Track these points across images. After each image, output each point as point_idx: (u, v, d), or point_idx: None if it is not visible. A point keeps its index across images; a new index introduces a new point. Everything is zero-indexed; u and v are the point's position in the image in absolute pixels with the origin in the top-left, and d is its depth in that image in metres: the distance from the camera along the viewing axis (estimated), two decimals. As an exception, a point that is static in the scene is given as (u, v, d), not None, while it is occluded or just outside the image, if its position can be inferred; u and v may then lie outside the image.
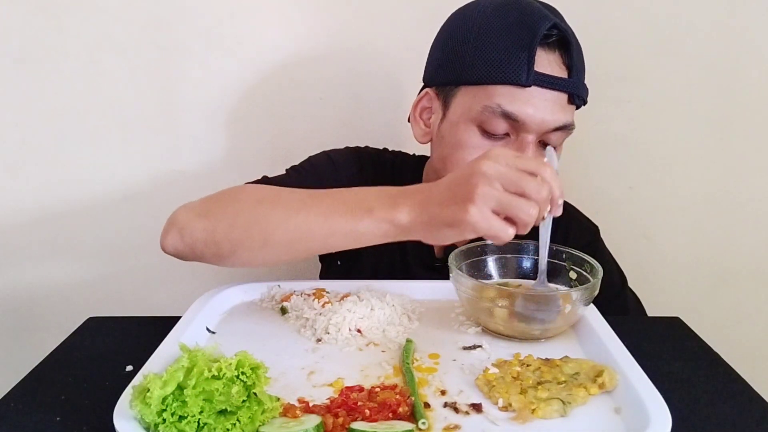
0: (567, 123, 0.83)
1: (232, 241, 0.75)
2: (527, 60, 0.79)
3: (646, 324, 0.87)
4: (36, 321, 1.33)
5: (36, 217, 1.28)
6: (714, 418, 0.62)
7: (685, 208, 1.26)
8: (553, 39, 0.81)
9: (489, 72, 0.81)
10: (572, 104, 0.83)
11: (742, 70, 1.18)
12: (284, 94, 1.23)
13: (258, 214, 0.75)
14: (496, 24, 0.82)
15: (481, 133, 0.84)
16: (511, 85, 0.80)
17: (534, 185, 0.63)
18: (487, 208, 0.62)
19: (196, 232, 0.77)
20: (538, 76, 0.80)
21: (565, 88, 0.81)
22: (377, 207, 0.68)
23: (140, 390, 0.54)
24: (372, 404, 0.59)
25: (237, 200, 0.78)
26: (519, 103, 0.80)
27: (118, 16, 1.17)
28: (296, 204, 0.74)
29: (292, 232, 0.73)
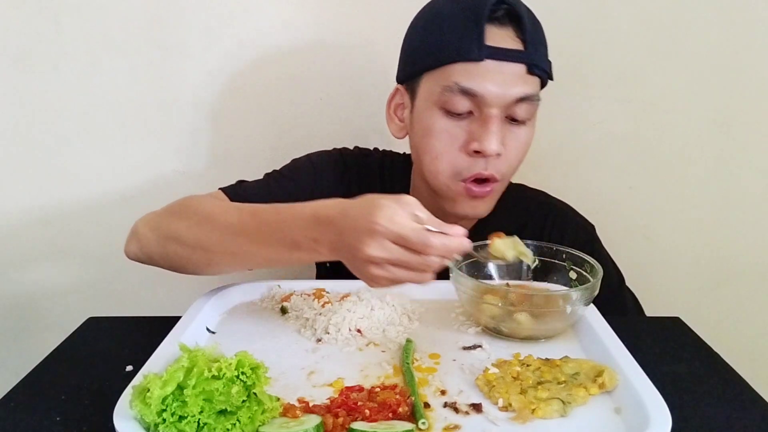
0: (528, 94, 0.83)
1: (180, 257, 0.80)
2: (477, 35, 0.80)
3: (646, 324, 0.88)
4: (36, 321, 1.33)
5: (36, 217, 1.27)
6: (714, 418, 0.62)
7: (685, 208, 1.26)
8: (501, 13, 0.82)
9: (443, 53, 0.83)
10: (532, 75, 0.83)
11: (743, 70, 1.18)
12: (284, 94, 1.23)
13: (202, 234, 0.78)
14: (446, 8, 0.85)
15: (445, 115, 0.85)
16: (465, 62, 0.82)
17: (419, 263, 0.63)
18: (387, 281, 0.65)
19: (151, 246, 0.83)
20: (490, 50, 0.81)
21: (521, 59, 0.82)
22: (302, 240, 0.69)
23: (140, 390, 0.54)
24: (372, 404, 0.59)
25: (185, 217, 0.81)
26: (475, 78, 0.81)
27: (118, 16, 1.17)
28: (233, 230, 0.76)
29: (231, 256, 0.77)
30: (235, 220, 0.77)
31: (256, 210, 0.77)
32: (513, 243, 0.77)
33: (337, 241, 0.67)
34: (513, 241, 0.77)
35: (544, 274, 0.82)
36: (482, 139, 0.83)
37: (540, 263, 0.83)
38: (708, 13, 1.16)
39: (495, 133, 0.82)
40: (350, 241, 0.64)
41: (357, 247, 0.63)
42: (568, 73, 1.20)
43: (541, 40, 0.86)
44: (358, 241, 0.63)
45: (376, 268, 0.64)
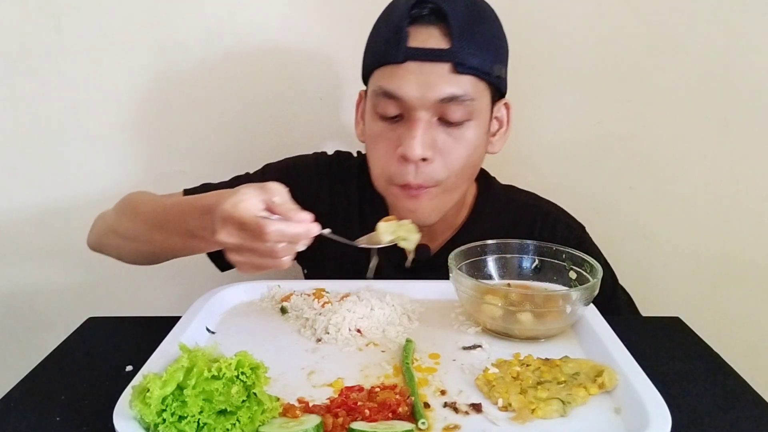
0: (455, 94, 0.80)
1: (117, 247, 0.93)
2: (396, 37, 0.79)
3: (646, 324, 0.87)
4: (36, 321, 1.33)
5: (36, 217, 1.28)
6: (714, 418, 0.62)
7: (685, 208, 1.26)
8: (426, 12, 0.80)
9: (372, 58, 0.84)
10: (459, 74, 0.79)
11: (743, 70, 1.18)
12: (284, 94, 1.23)
13: (130, 226, 0.89)
14: (383, 13, 0.85)
15: (380, 119, 0.85)
16: (387, 65, 0.81)
17: (264, 249, 0.64)
18: (249, 267, 0.67)
19: (100, 236, 0.95)
20: (410, 51, 0.79)
21: (444, 58, 0.79)
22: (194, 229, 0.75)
23: (140, 390, 0.54)
24: (372, 404, 0.59)
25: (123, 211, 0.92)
26: (396, 80, 0.80)
27: (118, 16, 1.17)
28: (152, 220, 0.85)
29: (151, 244, 0.87)
30: (153, 213, 0.86)
31: (170, 204, 0.83)
32: (396, 227, 0.76)
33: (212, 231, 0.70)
34: (397, 225, 0.76)
35: (544, 274, 0.82)
36: (405, 143, 0.81)
37: (540, 263, 0.83)
38: (708, 13, 1.15)
39: (418, 137, 0.80)
40: (214, 228, 0.66)
41: (214, 234, 0.66)
42: (568, 73, 1.20)
43: (479, 38, 0.81)
44: (214, 228, 0.66)
45: (233, 253, 0.66)
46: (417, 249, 0.94)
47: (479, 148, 0.86)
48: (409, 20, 0.80)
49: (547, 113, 1.22)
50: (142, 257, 0.92)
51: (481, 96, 0.83)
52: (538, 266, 0.83)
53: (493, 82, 0.84)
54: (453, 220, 0.96)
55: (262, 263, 0.66)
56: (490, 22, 0.84)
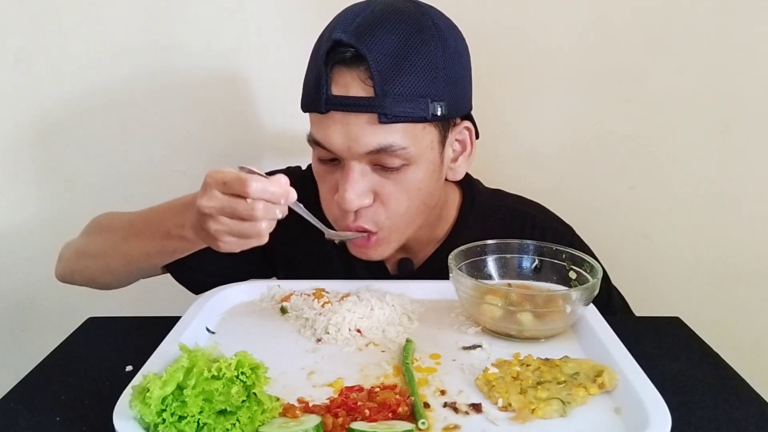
0: (383, 145, 0.74)
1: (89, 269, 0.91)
2: (317, 84, 0.74)
3: (646, 324, 0.87)
4: (36, 321, 1.33)
5: (36, 218, 1.28)
6: (714, 418, 0.62)
7: (685, 208, 1.26)
8: (348, 55, 0.72)
9: (303, 100, 0.79)
10: (385, 123, 0.73)
11: (743, 70, 1.18)
12: (284, 94, 1.23)
13: (101, 242, 0.89)
14: (313, 50, 0.79)
15: (319, 162, 0.81)
16: (314, 113, 0.77)
17: (244, 208, 0.63)
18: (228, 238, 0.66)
19: (70, 264, 0.93)
20: (333, 100, 0.73)
21: (367, 108, 0.72)
22: (170, 227, 0.77)
23: (140, 390, 0.54)
24: (372, 404, 0.59)
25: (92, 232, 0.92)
26: (323, 129, 0.76)
27: (118, 16, 1.17)
28: (123, 233, 0.86)
29: (123, 257, 0.86)
30: (126, 223, 0.87)
31: (144, 211, 0.85)
32: None
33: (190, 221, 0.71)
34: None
35: (544, 274, 0.82)
36: (339, 193, 0.77)
37: (540, 263, 0.83)
38: (708, 13, 1.16)
39: (349, 188, 0.75)
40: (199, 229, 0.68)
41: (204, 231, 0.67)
42: (569, 73, 1.20)
43: (407, 80, 0.73)
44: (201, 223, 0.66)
45: (212, 222, 0.65)
46: (400, 263, 0.93)
47: (425, 188, 0.80)
48: (332, 64, 0.73)
49: (547, 113, 1.22)
50: (115, 274, 0.90)
51: (418, 139, 0.76)
52: (538, 266, 0.83)
53: (433, 120, 0.76)
54: (434, 234, 0.92)
55: (242, 229, 0.65)
56: (423, 56, 0.74)
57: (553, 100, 1.22)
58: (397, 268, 0.93)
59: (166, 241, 0.79)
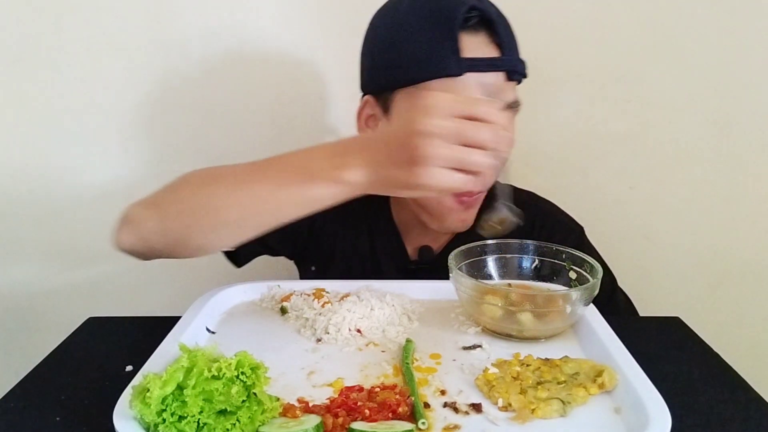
0: (510, 101, 0.81)
1: (184, 226, 0.73)
2: (452, 49, 0.76)
3: (646, 324, 0.87)
4: (36, 321, 1.33)
5: (36, 217, 1.28)
6: (714, 418, 0.62)
7: (685, 208, 1.26)
8: (474, 21, 0.77)
9: (419, 70, 0.79)
10: (511, 81, 0.81)
11: (742, 70, 1.18)
12: (284, 94, 1.23)
13: (204, 194, 0.73)
14: (413, 20, 0.79)
15: None
16: (443, 78, 0.77)
17: (484, 133, 0.59)
18: (436, 169, 0.59)
19: (148, 223, 0.75)
20: (468, 62, 0.77)
21: (500, 67, 0.79)
22: (324, 168, 0.65)
23: (140, 390, 0.54)
24: (372, 404, 0.59)
25: (183, 185, 0.76)
26: (456, 93, 0.77)
27: (118, 16, 1.17)
28: (241, 178, 0.72)
29: (241, 208, 0.70)
30: (239, 171, 0.73)
31: (258, 162, 0.73)
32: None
33: (371, 159, 0.63)
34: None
35: (544, 274, 0.82)
36: None
37: (540, 263, 0.83)
38: (708, 13, 1.16)
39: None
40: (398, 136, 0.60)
41: (409, 131, 0.59)
42: (569, 73, 1.20)
43: (514, 41, 0.82)
44: (407, 144, 0.59)
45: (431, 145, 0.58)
46: (420, 250, 0.95)
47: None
48: (460, 29, 0.77)
49: (547, 113, 1.22)
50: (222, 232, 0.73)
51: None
52: (538, 266, 0.83)
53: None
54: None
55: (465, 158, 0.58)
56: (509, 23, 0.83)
57: (553, 100, 1.22)
58: (417, 255, 0.95)
59: (312, 186, 0.66)
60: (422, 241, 0.95)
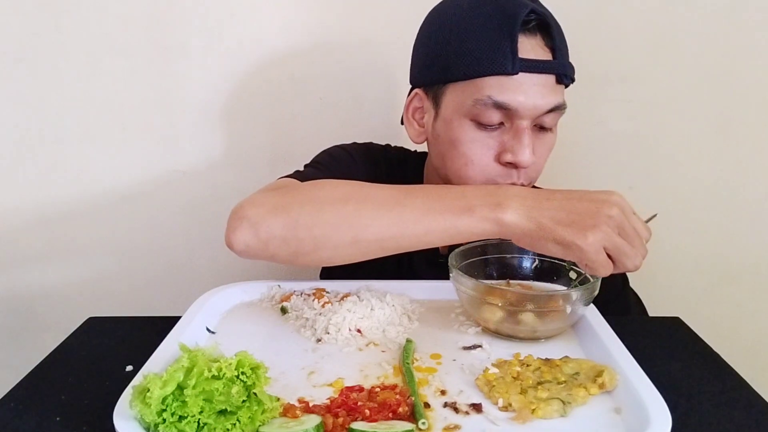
0: (559, 104, 0.84)
1: (316, 237, 0.73)
2: (511, 48, 0.79)
3: (646, 324, 0.88)
4: (36, 321, 1.33)
5: (36, 217, 1.27)
6: (714, 418, 0.62)
7: (685, 208, 1.26)
8: (532, 24, 0.81)
9: (475, 66, 0.81)
10: (560, 84, 0.84)
11: (743, 70, 1.18)
12: (284, 94, 1.23)
13: (346, 210, 0.73)
14: (474, 18, 0.82)
15: (476, 127, 0.84)
16: (498, 75, 0.80)
17: (639, 241, 0.69)
18: (602, 243, 0.67)
19: (274, 228, 0.73)
20: (523, 63, 0.80)
21: (552, 70, 0.82)
22: (479, 205, 0.70)
23: (140, 390, 0.54)
24: (372, 404, 0.59)
25: (317, 196, 0.76)
26: (509, 91, 0.80)
27: (118, 16, 1.17)
28: (388, 201, 0.74)
29: (386, 229, 0.72)
30: (386, 194, 0.75)
31: (403, 187, 0.76)
32: None
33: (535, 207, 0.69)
34: None
35: (544, 274, 0.82)
36: (516, 151, 0.82)
37: (540, 263, 0.83)
38: (708, 14, 1.16)
39: (528, 145, 0.82)
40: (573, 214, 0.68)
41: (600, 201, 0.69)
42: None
43: (565, 46, 0.85)
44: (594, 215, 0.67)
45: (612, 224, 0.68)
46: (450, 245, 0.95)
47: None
48: (520, 31, 0.80)
49: (547, 113, 1.22)
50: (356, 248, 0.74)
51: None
52: (538, 266, 0.83)
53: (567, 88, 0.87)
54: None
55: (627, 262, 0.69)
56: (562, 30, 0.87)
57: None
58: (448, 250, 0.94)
59: (464, 218, 0.70)
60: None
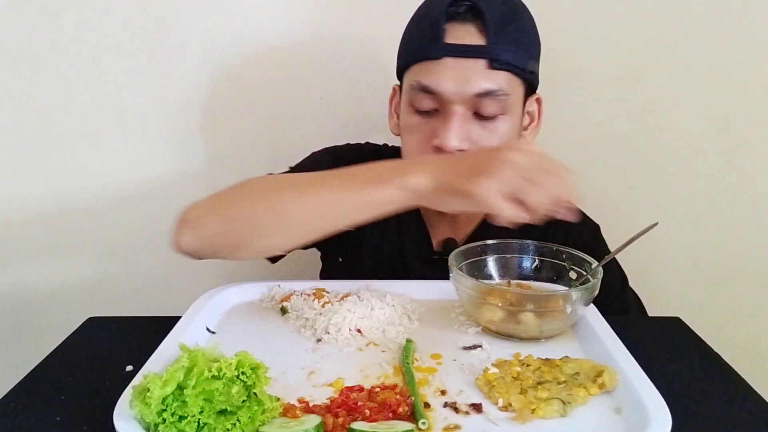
0: (489, 89, 0.82)
1: (247, 228, 0.76)
2: (435, 34, 0.82)
3: (646, 324, 0.88)
4: (36, 321, 1.33)
5: (36, 217, 1.27)
6: (714, 418, 0.62)
7: (685, 208, 1.26)
8: (463, 9, 0.82)
9: (409, 54, 0.87)
10: (494, 69, 0.82)
11: (743, 70, 1.18)
12: (284, 94, 1.23)
13: (271, 198, 0.76)
14: (420, 9, 0.88)
15: (415, 113, 0.87)
16: (425, 61, 0.84)
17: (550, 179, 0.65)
18: (498, 186, 0.64)
19: (211, 224, 0.77)
20: (448, 47, 0.82)
21: (480, 54, 0.82)
22: (389, 175, 0.71)
23: (140, 390, 0.54)
24: (372, 404, 0.59)
25: (247, 190, 0.79)
26: (433, 75, 0.83)
27: (118, 16, 1.17)
28: (308, 184, 0.77)
29: (307, 210, 0.74)
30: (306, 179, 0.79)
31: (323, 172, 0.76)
32: None
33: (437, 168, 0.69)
34: None
35: (544, 274, 0.82)
36: (441, 135, 0.83)
37: (540, 263, 0.83)
38: (708, 14, 1.16)
39: (454, 129, 0.82)
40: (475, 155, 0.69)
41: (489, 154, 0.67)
42: (569, 73, 1.20)
43: (514, 34, 0.84)
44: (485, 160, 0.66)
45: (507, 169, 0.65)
46: (444, 242, 0.97)
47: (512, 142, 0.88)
48: (447, 17, 0.82)
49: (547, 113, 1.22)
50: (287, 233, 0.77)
51: (514, 91, 0.85)
52: (538, 266, 0.83)
53: (527, 77, 0.86)
54: (478, 213, 0.97)
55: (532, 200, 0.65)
56: (524, 19, 0.87)
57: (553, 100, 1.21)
58: (441, 247, 0.98)
59: (377, 190, 0.71)
60: (447, 234, 0.98)
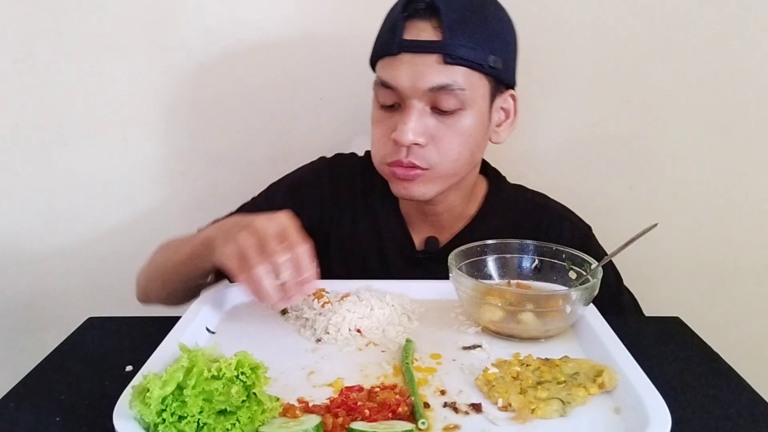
0: (443, 83, 0.83)
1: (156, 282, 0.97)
2: (394, 31, 0.84)
3: (646, 324, 0.88)
4: (36, 321, 1.33)
5: (36, 217, 1.27)
6: (713, 418, 0.62)
7: (685, 208, 1.26)
8: (422, 6, 0.84)
9: (375, 51, 0.90)
10: (448, 65, 0.83)
11: (743, 70, 1.18)
12: (284, 94, 1.23)
13: (157, 264, 0.97)
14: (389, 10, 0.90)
15: (380, 108, 0.90)
16: (385, 57, 0.86)
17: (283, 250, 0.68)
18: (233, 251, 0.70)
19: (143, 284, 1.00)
20: (404, 43, 0.84)
21: (434, 49, 0.83)
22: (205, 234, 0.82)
23: (140, 390, 0.54)
24: (372, 404, 0.59)
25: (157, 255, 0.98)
26: (391, 70, 0.85)
27: (118, 16, 1.17)
28: (175, 246, 0.92)
29: (171, 270, 0.91)
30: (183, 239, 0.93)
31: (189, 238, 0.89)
32: None
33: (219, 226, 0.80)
34: None
35: (544, 274, 0.82)
36: (398, 129, 0.85)
37: (540, 263, 0.83)
38: (708, 13, 1.15)
39: (409, 123, 0.84)
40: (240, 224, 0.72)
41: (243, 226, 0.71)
42: (569, 73, 1.20)
43: (472, 30, 0.83)
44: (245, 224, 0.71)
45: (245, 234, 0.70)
46: (426, 241, 0.96)
47: (474, 137, 0.88)
48: (406, 15, 0.84)
49: (546, 113, 1.22)
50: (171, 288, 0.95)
51: (474, 86, 0.85)
52: (538, 266, 0.83)
53: (489, 72, 0.85)
54: (462, 213, 0.98)
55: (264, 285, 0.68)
56: (488, 16, 0.86)
57: (553, 100, 1.22)
58: (424, 245, 0.98)
59: (196, 247, 0.83)
60: (428, 233, 0.98)
